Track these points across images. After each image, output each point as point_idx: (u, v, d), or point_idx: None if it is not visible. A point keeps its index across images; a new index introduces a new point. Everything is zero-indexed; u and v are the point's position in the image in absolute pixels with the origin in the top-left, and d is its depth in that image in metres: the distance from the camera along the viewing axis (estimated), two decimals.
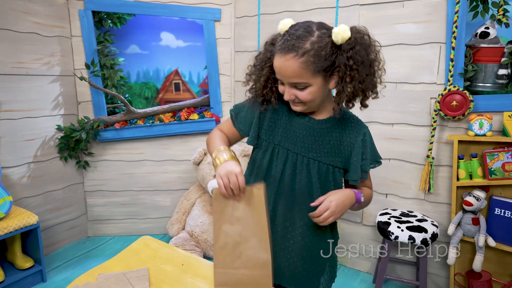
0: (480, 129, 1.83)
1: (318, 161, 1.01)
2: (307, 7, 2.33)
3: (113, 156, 2.77)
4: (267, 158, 1.05)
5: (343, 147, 1.02)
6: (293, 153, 1.02)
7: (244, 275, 0.91)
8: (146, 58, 2.86)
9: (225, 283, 0.92)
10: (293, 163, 1.02)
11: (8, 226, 1.98)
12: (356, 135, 1.03)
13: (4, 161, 2.23)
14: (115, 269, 1.12)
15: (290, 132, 1.03)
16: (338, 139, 1.02)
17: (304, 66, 0.89)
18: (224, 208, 0.91)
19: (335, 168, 1.03)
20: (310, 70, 0.89)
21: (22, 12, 2.25)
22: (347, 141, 1.02)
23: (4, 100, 2.21)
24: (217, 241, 0.92)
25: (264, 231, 0.91)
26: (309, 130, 1.02)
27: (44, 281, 2.21)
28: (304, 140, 1.02)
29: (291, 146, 1.02)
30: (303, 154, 1.02)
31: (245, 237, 0.91)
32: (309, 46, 0.88)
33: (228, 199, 0.91)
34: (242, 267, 0.91)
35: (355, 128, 1.04)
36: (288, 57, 0.89)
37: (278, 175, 1.03)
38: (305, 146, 1.02)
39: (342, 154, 1.02)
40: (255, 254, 0.91)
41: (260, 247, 0.91)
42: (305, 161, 1.02)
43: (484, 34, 1.84)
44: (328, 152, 1.01)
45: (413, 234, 1.83)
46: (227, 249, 0.91)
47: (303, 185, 1.02)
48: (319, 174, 1.02)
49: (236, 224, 0.91)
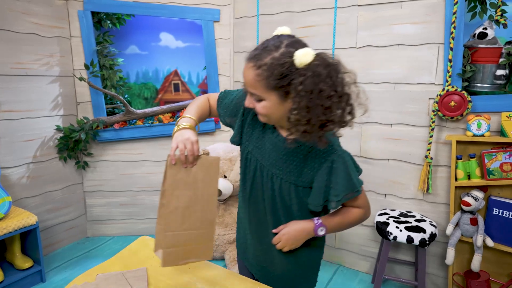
0: (478, 130, 1.84)
1: (281, 178, 1.00)
2: (306, 7, 2.34)
3: (112, 157, 2.78)
4: (243, 161, 1.09)
5: (306, 169, 0.98)
6: (261, 164, 1.04)
7: (191, 234, 0.98)
8: (146, 59, 2.87)
9: (173, 245, 0.96)
10: (261, 174, 1.04)
11: (7, 226, 1.98)
12: (321, 161, 0.95)
13: (4, 162, 2.23)
14: (114, 269, 1.12)
15: (261, 143, 1.04)
16: (301, 161, 0.98)
17: (258, 78, 0.87)
18: (177, 173, 0.94)
19: (299, 187, 1.00)
20: (263, 84, 0.87)
21: (21, 12, 2.25)
22: (311, 165, 0.97)
23: (4, 100, 2.21)
24: (168, 205, 0.94)
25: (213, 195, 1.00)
26: (275, 146, 1.00)
27: (43, 281, 2.21)
28: (270, 155, 1.02)
29: (259, 157, 1.04)
30: (268, 168, 1.02)
31: (195, 201, 0.97)
32: (268, 60, 0.86)
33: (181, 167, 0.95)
34: (190, 228, 0.97)
35: (323, 154, 0.95)
36: (248, 65, 0.89)
37: (250, 181, 1.07)
38: (270, 161, 1.02)
39: (306, 176, 0.98)
40: (203, 216, 0.99)
41: (208, 209, 0.99)
42: (269, 174, 1.02)
43: (482, 34, 1.84)
44: (291, 172, 0.99)
45: (411, 234, 1.83)
46: (178, 212, 0.96)
47: (268, 196, 1.04)
48: (281, 190, 1.01)
49: (187, 189, 0.96)
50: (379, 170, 2.24)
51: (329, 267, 2.44)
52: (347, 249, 2.44)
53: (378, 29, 2.12)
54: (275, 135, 1.01)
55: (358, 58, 2.21)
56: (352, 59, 2.23)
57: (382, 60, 2.14)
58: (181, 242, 0.97)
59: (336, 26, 2.14)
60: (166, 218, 0.95)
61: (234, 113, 1.09)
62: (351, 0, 2.18)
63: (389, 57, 2.11)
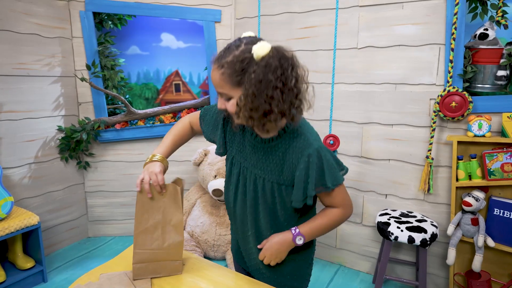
0: (479, 130, 1.84)
1: (263, 178, 1.03)
2: (307, 8, 2.34)
3: (114, 157, 2.78)
4: (229, 166, 1.13)
5: (286, 166, 0.99)
6: (244, 167, 1.08)
7: (160, 253, 1.09)
8: (147, 59, 2.87)
9: (142, 260, 1.08)
10: (244, 176, 1.08)
11: (9, 226, 1.99)
12: (299, 156, 0.97)
13: (5, 162, 2.24)
14: (117, 269, 1.13)
15: (242, 147, 1.08)
16: (281, 158, 1.00)
17: (222, 77, 0.91)
18: (146, 199, 1.07)
19: (281, 186, 1.02)
20: (228, 82, 0.91)
21: (23, 13, 2.26)
22: (290, 161, 0.98)
23: (5, 101, 2.22)
24: (138, 227, 1.08)
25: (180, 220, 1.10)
26: (254, 148, 1.04)
27: (45, 281, 2.22)
28: (251, 157, 1.05)
29: (242, 160, 1.08)
30: (251, 170, 1.06)
31: (163, 224, 1.09)
32: (230, 58, 0.90)
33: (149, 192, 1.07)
34: (159, 248, 1.09)
35: (300, 149, 0.97)
36: (214, 67, 0.94)
37: (234, 184, 1.11)
38: (252, 163, 1.05)
39: (287, 173, 1.00)
40: (171, 237, 1.10)
41: (176, 231, 1.10)
42: (252, 176, 1.06)
43: (483, 35, 1.85)
44: (272, 171, 1.02)
45: (412, 234, 1.84)
46: (147, 233, 1.08)
47: (251, 198, 1.07)
48: (264, 191, 1.04)
49: (155, 213, 1.08)
50: (380, 170, 2.25)
51: (330, 267, 2.45)
52: (348, 249, 2.44)
53: (379, 30, 2.13)
54: (253, 136, 1.04)
55: (359, 58, 2.22)
56: (353, 60, 2.23)
57: (383, 61, 2.14)
58: (150, 259, 1.09)
59: (337, 26, 2.15)
60: (136, 237, 1.08)
61: (215, 127, 1.14)
62: (352, 1, 2.19)
63: (390, 57, 2.12)
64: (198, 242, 2.50)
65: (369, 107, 2.23)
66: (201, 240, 2.49)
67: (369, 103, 2.23)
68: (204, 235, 2.48)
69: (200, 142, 2.80)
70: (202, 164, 2.56)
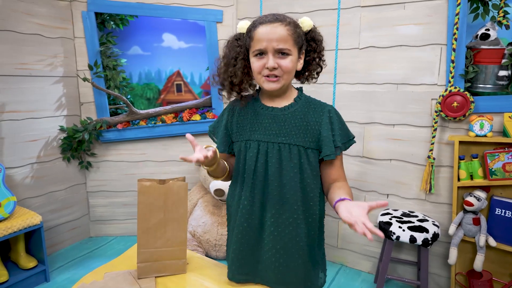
0: (480, 130, 1.85)
1: (289, 144, 1.05)
2: (309, 8, 2.35)
3: (115, 157, 2.79)
4: (242, 155, 1.11)
5: (310, 127, 1.06)
6: (263, 143, 1.07)
7: (164, 251, 1.11)
8: (148, 59, 2.88)
9: (146, 259, 1.10)
10: (264, 152, 1.07)
11: (12, 226, 1.99)
12: (320, 114, 1.07)
13: (8, 162, 2.24)
14: (121, 268, 1.13)
15: (257, 125, 1.09)
16: (303, 120, 1.06)
17: (289, 33, 1.00)
18: (148, 199, 1.09)
19: (307, 149, 1.05)
20: (292, 39, 1.01)
21: (25, 13, 2.26)
22: (313, 121, 1.06)
23: (7, 101, 2.22)
24: (141, 226, 1.10)
25: (184, 216, 1.12)
26: (274, 118, 1.08)
27: (47, 281, 2.22)
28: (271, 128, 1.07)
29: (260, 137, 1.08)
30: (273, 141, 1.06)
31: (165, 222, 1.11)
32: (292, 21, 1.03)
33: (151, 193, 1.09)
34: (163, 246, 1.11)
35: (318, 108, 1.08)
36: (276, 24, 1.00)
37: (252, 167, 1.07)
38: (273, 133, 1.06)
39: (311, 134, 1.05)
40: (174, 235, 1.12)
41: (179, 229, 1.12)
42: (275, 147, 1.05)
43: (485, 35, 1.85)
44: (296, 134, 1.05)
45: (414, 234, 1.84)
46: (150, 232, 1.10)
47: (274, 171, 1.05)
48: (291, 157, 1.05)
49: (158, 212, 1.10)
50: (382, 170, 2.25)
51: (332, 267, 2.45)
52: (350, 249, 2.45)
53: (381, 30, 2.14)
54: (270, 109, 1.09)
55: (361, 58, 2.22)
56: (355, 60, 2.24)
57: (385, 61, 2.15)
58: (154, 258, 1.10)
59: (339, 27, 2.15)
60: (140, 237, 1.10)
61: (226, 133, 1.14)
62: (354, 1, 2.20)
63: (391, 58, 2.12)
64: (200, 242, 2.51)
65: (371, 107, 2.24)
66: (203, 240, 2.49)
67: (371, 103, 2.23)
68: (206, 235, 2.49)
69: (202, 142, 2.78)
70: None
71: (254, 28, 1.03)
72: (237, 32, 1.10)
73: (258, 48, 1.01)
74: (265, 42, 1.00)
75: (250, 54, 1.06)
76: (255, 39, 1.02)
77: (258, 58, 1.03)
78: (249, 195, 1.07)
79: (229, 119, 1.14)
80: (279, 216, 1.05)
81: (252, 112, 1.11)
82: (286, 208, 1.04)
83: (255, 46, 1.02)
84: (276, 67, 1.01)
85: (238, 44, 1.08)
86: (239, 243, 1.09)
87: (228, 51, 1.09)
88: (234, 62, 1.07)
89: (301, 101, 1.09)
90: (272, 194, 1.05)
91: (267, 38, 0.99)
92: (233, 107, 1.15)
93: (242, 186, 1.09)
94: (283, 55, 1.01)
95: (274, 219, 1.05)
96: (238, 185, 1.11)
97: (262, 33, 1.00)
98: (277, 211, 1.05)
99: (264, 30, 1.00)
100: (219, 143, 1.14)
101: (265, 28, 1.00)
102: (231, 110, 1.14)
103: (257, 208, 1.07)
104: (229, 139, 1.14)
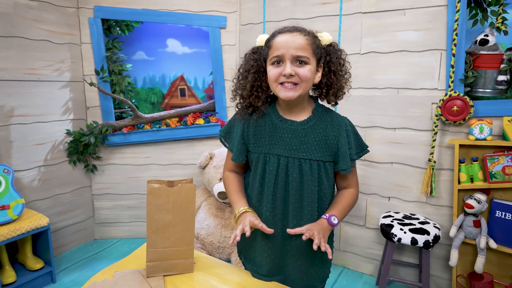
0: (480, 134, 1.88)
1: (309, 160, 1.06)
2: (311, 15, 2.40)
3: (120, 160, 2.83)
4: (260, 167, 1.10)
5: (329, 141, 1.07)
6: (284, 158, 1.07)
7: (172, 251, 1.14)
8: (153, 64, 2.93)
9: (155, 259, 1.13)
10: (285, 167, 1.07)
11: (20, 227, 2.03)
12: (337, 128, 1.09)
13: (16, 165, 2.29)
14: (131, 267, 1.17)
15: (276, 138, 1.08)
16: (322, 135, 1.07)
17: (308, 42, 1.01)
18: (157, 200, 1.11)
19: (325, 163, 1.08)
20: (311, 49, 1.02)
21: (34, 20, 2.32)
22: (331, 135, 1.08)
23: (16, 105, 2.27)
24: (150, 227, 1.12)
25: (192, 217, 1.15)
26: (293, 133, 1.07)
27: (53, 282, 2.26)
28: (291, 143, 1.07)
29: (280, 151, 1.07)
30: (293, 156, 1.06)
31: (174, 223, 1.14)
32: (311, 32, 1.05)
33: (160, 195, 1.12)
34: (171, 246, 1.14)
35: (336, 121, 1.10)
36: (295, 33, 1.02)
37: (272, 180, 1.08)
38: (294, 148, 1.06)
39: (330, 148, 1.07)
40: (182, 235, 1.15)
41: (187, 229, 1.15)
42: (296, 162, 1.06)
43: (484, 41, 1.89)
44: (316, 149, 1.06)
45: (415, 236, 1.87)
46: (158, 233, 1.13)
47: (295, 186, 1.06)
48: (312, 171, 1.06)
49: (167, 213, 1.13)
50: (383, 173, 2.28)
51: (334, 269, 2.47)
52: (352, 252, 2.47)
53: (381, 36, 2.18)
54: (289, 123, 1.09)
55: (362, 64, 2.26)
56: (357, 65, 2.28)
57: (385, 66, 2.19)
58: (163, 258, 1.14)
59: (340, 33, 2.20)
60: (149, 237, 1.12)
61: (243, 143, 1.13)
62: (355, 8, 2.24)
63: (392, 63, 2.16)
64: (204, 244, 2.54)
65: (372, 111, 2.27)
66: (206, 242, 2.52)
67: (372, 107, 2.27)
68: (209, 237, 2.52)
69: (206, 145, 2.84)
70: (208, 167, 2.60)
71: (272, 38, 1.04)
72: (256, 45, 1.11)
73: (276, 54, 1.01)
74: (283, 49, 1.00)
75: (268, 63, 1.05)
76: (273, 47, 1.02)
77: (275, 66, 1.02)
78: (271, 207, 1.09)
79: (245, 129, 1.12)
80: (299, 226, 1.06)
81: (270, 124, 1.10)
82: (305, 219, 1.07)
83: (272, 53, 1.02)
84: (293, 75, 1.00)
85: (253, 58, 1.09)
86: (266, 254, 1.12)
87: (244, 64, 1.11)
88: (246, 74, 1.09)
89: (318, 112, 1.10)
90: (293, 207, 1.07)
91: (285, 45, 1.00)
92: (249, 116, 1.13)
93: (260, 197, 1.11)
94: (301, 63, 1.01)
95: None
96: (255, 194, 1.12)
97: (281, 41, 1.01)
98: (298, 222, 1.07)
99: (283, 38, 1.01)
100: (237, 154, 1.13)
101: (284, 37, 1.01)
102: (247, 119, 1.12)
103: (279, 219, 1.09)
104: (245, 148, 1.14)
